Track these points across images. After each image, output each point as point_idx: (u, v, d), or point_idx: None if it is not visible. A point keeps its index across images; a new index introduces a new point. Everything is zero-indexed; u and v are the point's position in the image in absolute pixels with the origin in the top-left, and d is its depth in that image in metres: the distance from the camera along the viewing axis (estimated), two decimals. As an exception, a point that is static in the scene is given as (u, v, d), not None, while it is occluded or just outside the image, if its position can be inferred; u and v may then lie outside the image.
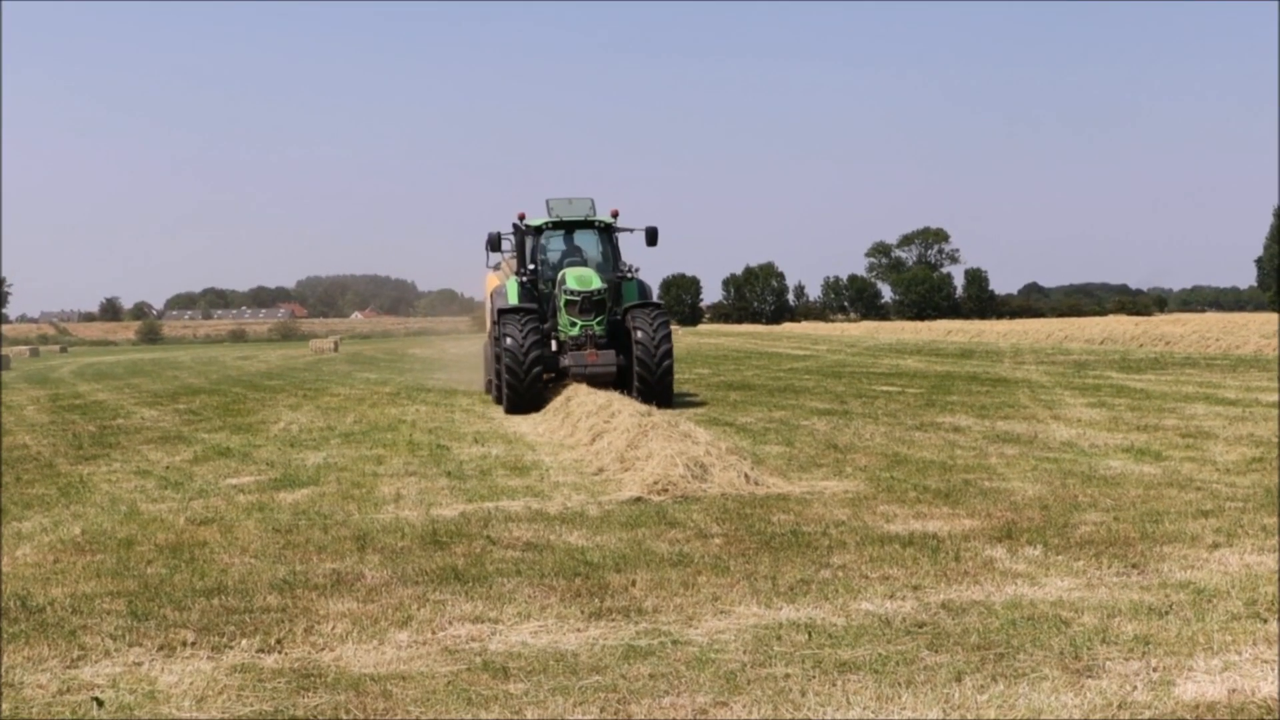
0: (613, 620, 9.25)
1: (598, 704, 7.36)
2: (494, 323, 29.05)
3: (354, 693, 7.66)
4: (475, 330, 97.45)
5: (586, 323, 27.90)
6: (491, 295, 30.72)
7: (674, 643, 8.62)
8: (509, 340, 26.96)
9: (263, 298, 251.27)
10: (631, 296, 29.57)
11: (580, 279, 27.94)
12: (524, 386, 26.81)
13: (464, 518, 13.51)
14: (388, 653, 8.54)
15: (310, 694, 7.67)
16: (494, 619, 9.33)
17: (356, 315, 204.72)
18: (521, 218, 30.18)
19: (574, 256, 30.14)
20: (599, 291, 27.93)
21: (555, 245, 30.45)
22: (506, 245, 30.98)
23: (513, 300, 28.76)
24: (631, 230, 30.11)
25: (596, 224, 30.02)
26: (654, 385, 27.06)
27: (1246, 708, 7.13)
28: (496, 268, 32.40)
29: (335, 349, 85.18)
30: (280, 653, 8.59)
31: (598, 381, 27.23)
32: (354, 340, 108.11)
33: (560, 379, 28.31)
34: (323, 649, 8.66)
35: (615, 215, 29.91)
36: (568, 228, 30.32)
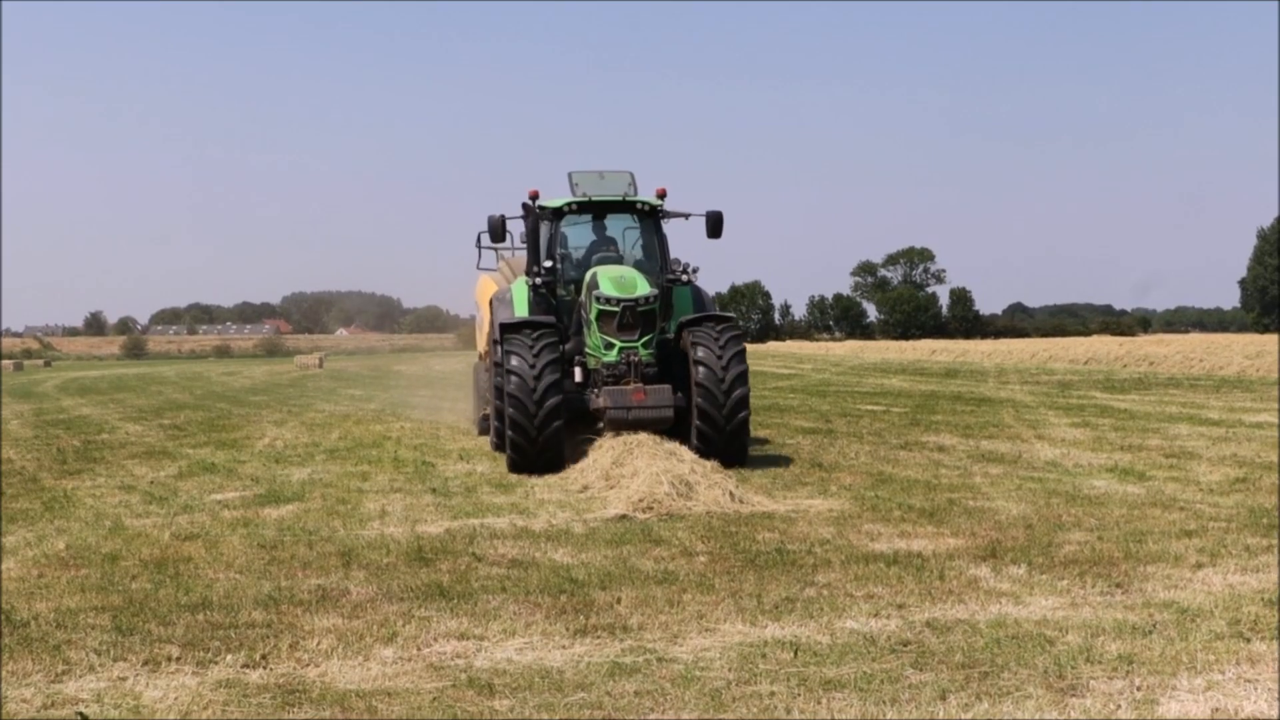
0: (598, 637, 9.26)
1: (583, 721, 7.37)
2: (495, 341, 20.20)
3: (339, 709, 7.66)
4: (461, 348, 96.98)
5: (629, 343, 19.31)
6: (490, 304, 21.93)
7: (659, 660, 8.63)
8: (515, 369, 18.36)
9: (248, 313, 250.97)
10: (686, 308, 21.09)
11: (620, 282, 19.55)
12: (536, 438, 18.42)
13: (449, 534, 13.51)
14: (373, 669, 8.54)
15: (295, 709, 7.67)
16: (479, 636, 9.33)
17: (342, 331, 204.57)
18: (534, 197, 21.36)
19: (607, 250, 21.67)
20: (647, 299, 19.42)
21: (581, 235, 22.21)
22: (513, 237, 23.48)
23: (520, 311, 20.59)
24: (686, 216, 21.77)
25: (639, 206, 21.41)
26: (722, 434, 18.80)
27: (1229, 727, 7.16)
28: (494, 267, 24.87)
29: (320, 365, 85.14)
30: (265, 668, 8.59)
31: (645, 428, 18.67)
32: (339, 356, 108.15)
33: (588, 425, 19.60)
34: (308, 665, 8.66)
35: (663, 196, 21.28)
36: (598, 211, 21.74)
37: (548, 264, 20.82)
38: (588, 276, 20.13)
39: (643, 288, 19.62)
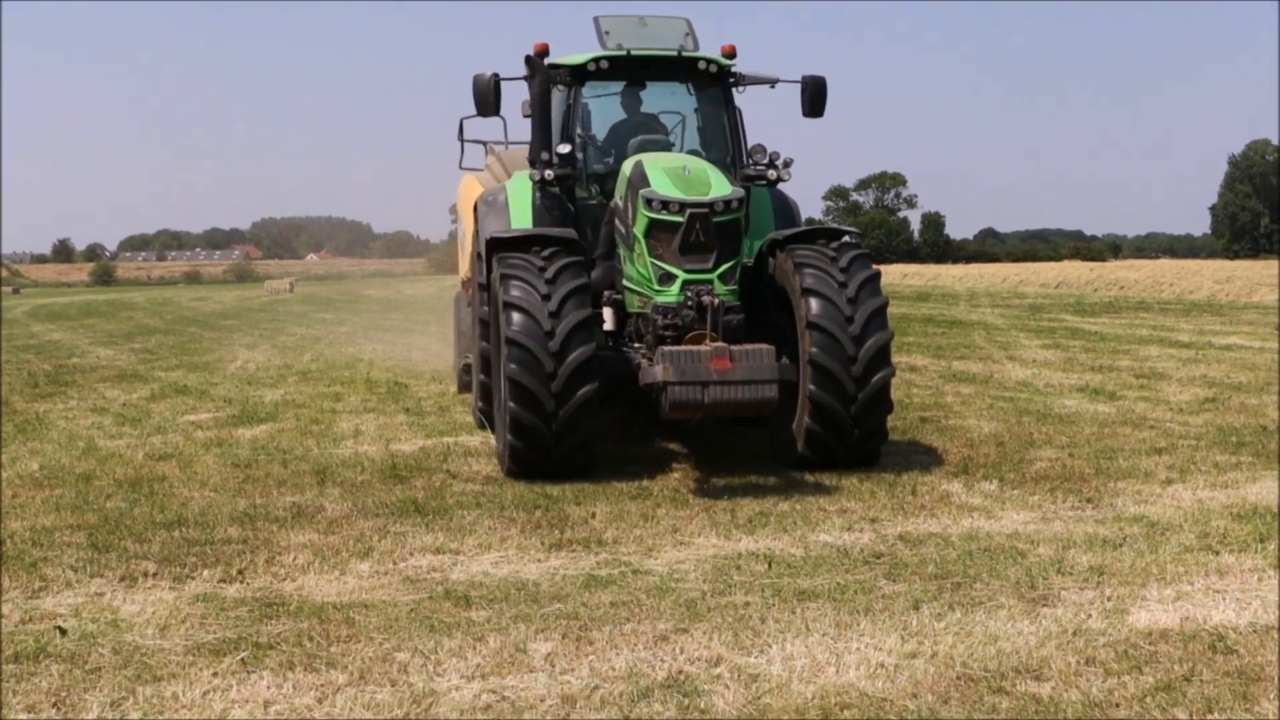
0: (573, 551, 9.32)
1: (559, 630, 7.43)
2: (480, 285, 14.02)
3: (316, 620, 7.70)
4: (433, 272, 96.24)
5: (699, 274, 12.08)
6: (476, 210, 15.22)
7: (634, 572, 8.70)
8: (518, 302, 11.84)
9: (217, 239, 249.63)
10: (766, 220, 14.27)
11: (683, 176, 12.33)
12: (554, 415, 11.71)
13: (423, 452, 13.54)
14: (349, 582, 8.59)
15: (273, 622, 7.71)
16: (455, 550, 9.38)
17: (312, 257, 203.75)
18: (542, 53, 13.90)
19: (651, 132, 14.44)
20: (727, 203, 12.23)
21: (612, 109, 14.88)
22: (506, 128, 17.67)
23: (521, 219, 13.92)
24: (771, 83, 14.55)
25: (701, 66, 14.08)
26: (849, 427, 12.13)
27: (1198, 635, 7.25)
28: (481, 166, 18.04)
29: (290, 290, 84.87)
30: (242, 583, 8.63)
31: (730, 416, 12.22)
32: (309, 282, 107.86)
33: (629, 406, 13.55)
34: (284, 579, 8.71)
35: (731, 55, 14.27)
36: (639, 72, 14.40)
37: (564, 149, 13.54)
38: (627, 168, 12.79)
39: (720, 185, 12.34)
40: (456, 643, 7.23)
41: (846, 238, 13.01)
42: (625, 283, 12.82)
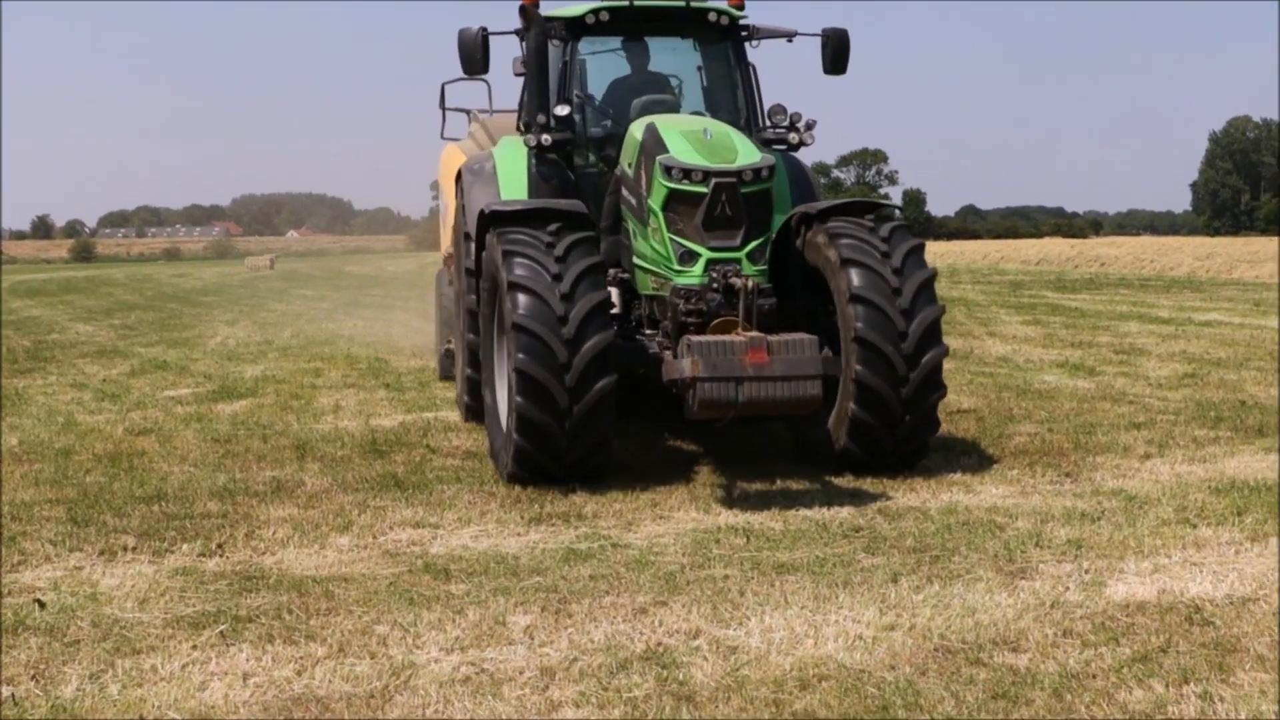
0: (553, 525, 9.34)
1: (539, 603, 7.45)
2: (467, 270, 12.86)
3: (296, 593, 7.71)
4: (413, 249, 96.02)
5: (725, 252, 10.79)
6: (459, 179, 13.69)
7: (614, 546, 8.72)
8: (523, 282, 10.48)
9: (197, 216, 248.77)
10: (783, 191, 12.45)
11: (704, 141, 11.06)
12: (567, 412, 10.30)
13: (403, 427, 13.54)
14: (329, 556, 8.60)
15: (252, 595, 7.72)
16: (434, 524, 9.40)
17: (292, 234, 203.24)
18: (537, 2, 12.34)
19: (658, 92, 12.98)
20: (757, 172, 10.94)
21: (614, 66, 13.42)
22: (490, 92, 16.31)
23: (513, 189, 12.56)
24: (789, 36, 13.07)
25: (710, 18, 12.81)
26: (899, 428, 10.86)
27: (1175, 607, 7.29)
28: (463, 136, 16.87)
29: (271, 267, 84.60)
30: (221, 556, 8.64)
31: (769, 414, 10.64)
32: (290, 258, 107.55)
33: (641, 403, 12.09)
34: (264, 553, 8.72)
35: (740, 6, 13.04)
36: (642, 25, 13.07)
37: (562, 110, 12.22)
38: (637, 132, 11.43)
39: (747, 151, 11.08)
40: (436, 615, 7.24)
41: (886, 215, 11.65)
42: (637, 261, 11.39)
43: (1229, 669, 6.32)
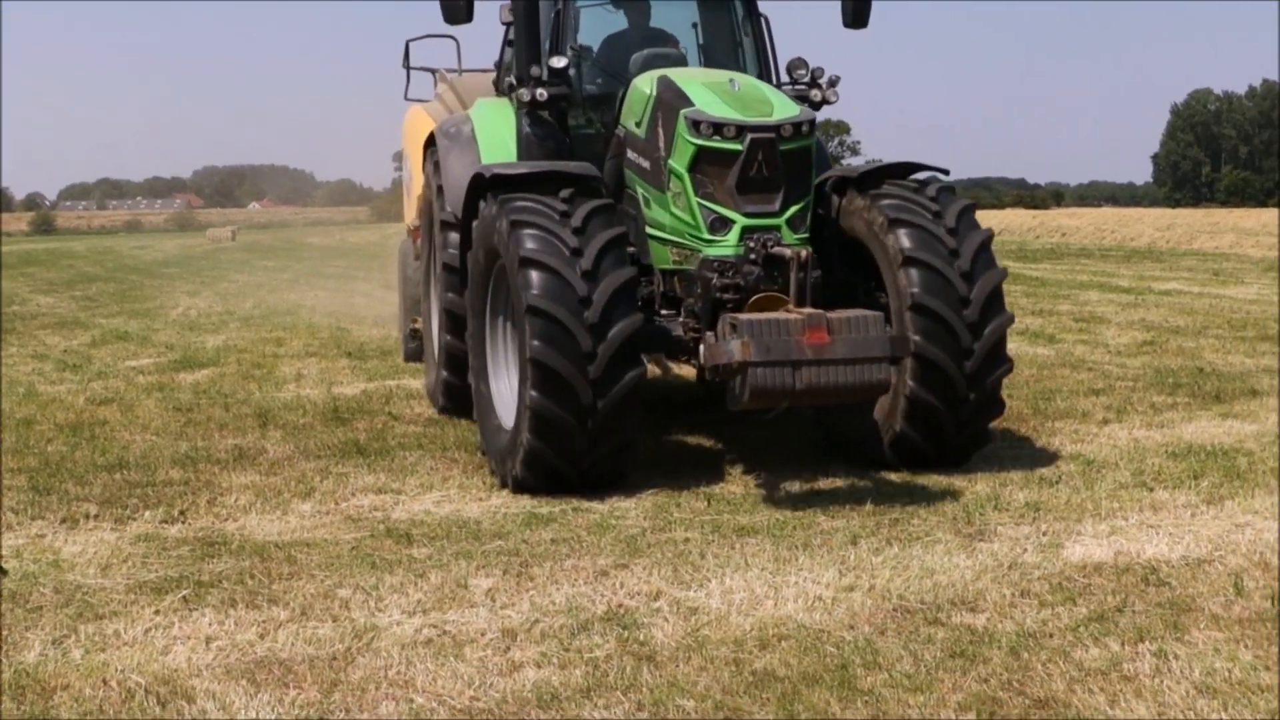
0: (514, 491, 9.35)
1: (500, 566, 7.48)
2: (444, 223, 11.45)
3: (258, 558, 7.72)
4: (375, 220, 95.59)
5: (762, 219, 9.55)
6: (429, 144, 12.48)
7: (575, 510, 8.76)
8: (535, 257, 9.03)
9: (158, 188, 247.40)
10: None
11: (734, 94, 9.86)
12: (591, 409, 8.95)
13: (365, 395, 13.55)
14: (291, 522, 8.62)
15: (215, 560, 7.73)
16: (396, 490, 9.42)
17: (254, 206, 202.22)
18: None
19: (662, 46, 11.66)
20: (797, 127, 9.71)
21: (611, 19, 11.99)
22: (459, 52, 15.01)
23: (496, 153, 11.24)
24: None
25: None
26: (964, 391, 9.57)
27: (1131, 568, 7.37)
28: (429, 98, 15.51)
29: (232, 238, 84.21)
30: (184, 523, 8.64)
31: (829, 402, 9.42)
32: (251, 230, 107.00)
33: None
34: (226, 519, 8.72)
35: None
36: None
37: (558, 62, 10.91)
38: (646, 85, 10.21)
39: (783, 104, 9.93)
40: (398, 579, 7.26)
41: (936, 180, 10.32)
42: (651, 232, 10.12)
43: (1184, 628, 6.40)
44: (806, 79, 11.16)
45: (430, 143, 12.30)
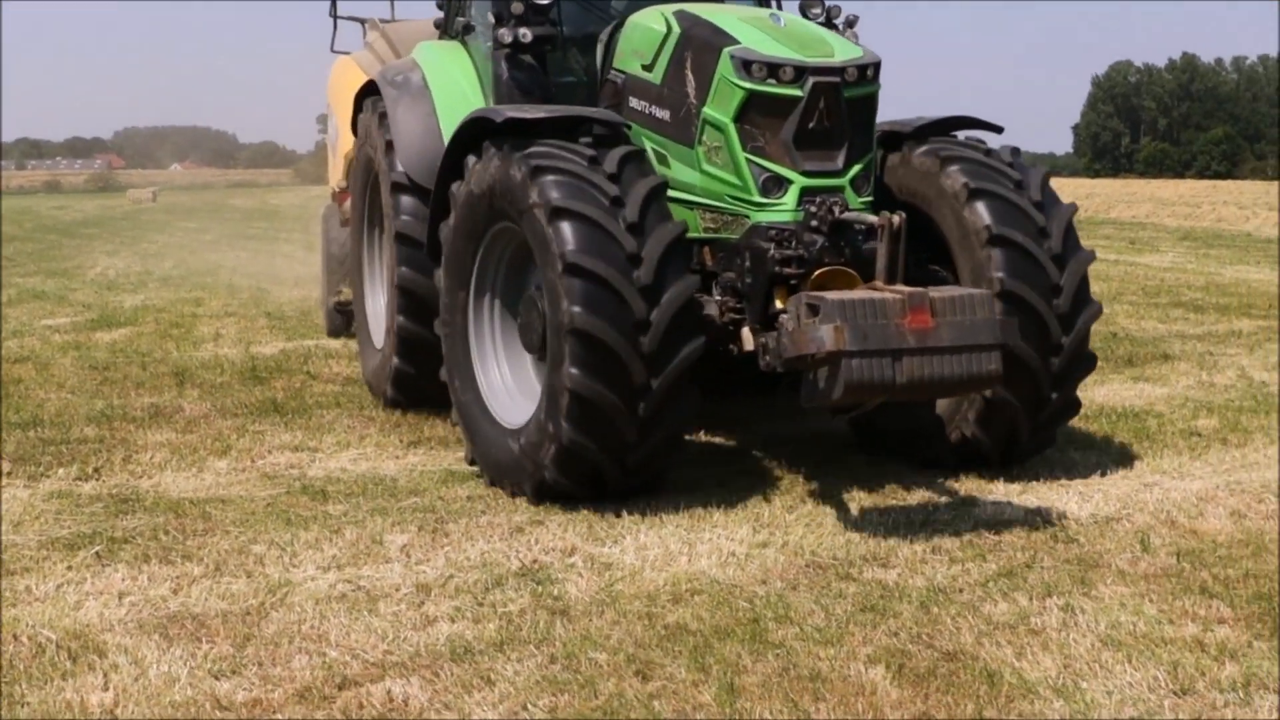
0: (432, 449, 9.37)
1: (415, 523, 7.49)
2: (397, 186, 10.04)
3: (172, 515, 7.69)
4: (299, 183, 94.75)
5: (824, 179, 8.02)
6: (364, 95, 11.15)
7: (492, 468, 8.75)
8: (571, 230, 7.48)
9: (78, 148, 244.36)
10: None
11: (784, 32, 8.31)
12: (645, 405, 7.48)
13: (284, 354, 13.48)
14: (207, 479, 8.59)
15: (128, 517, 7.68)
16: (313, 448, 9.40)
17: (176, 167, 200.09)
18: None
19: None
20: (862, 71, 8.16)
21: None
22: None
23: (457, 103, 9.96)
24: None
25: None
26: (1048, 389, 8.31)
27: (1041, 526, 7.47)
28: (358, 49, 14.41)
29: (153, 199, 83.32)
30: (98, 480, 8.58)
31: (932, 396, 8.10)
32: (173, 191, 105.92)
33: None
34: (141, 476, 8.67)
35: None
36: None
37: None
38: (655, 23, 8.75)
39: (842, 44, 8.44)
40: (313, 535, 7.26)
41: (1008, 158, 8.80)
42: (677, 194, 8.37)
43: (1091, 583, 6.50)
44: (822, 19, 9.42)
45: (366, 94, 11.04)
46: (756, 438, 9.70)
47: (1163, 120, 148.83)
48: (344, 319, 13.86)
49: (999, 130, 9.19)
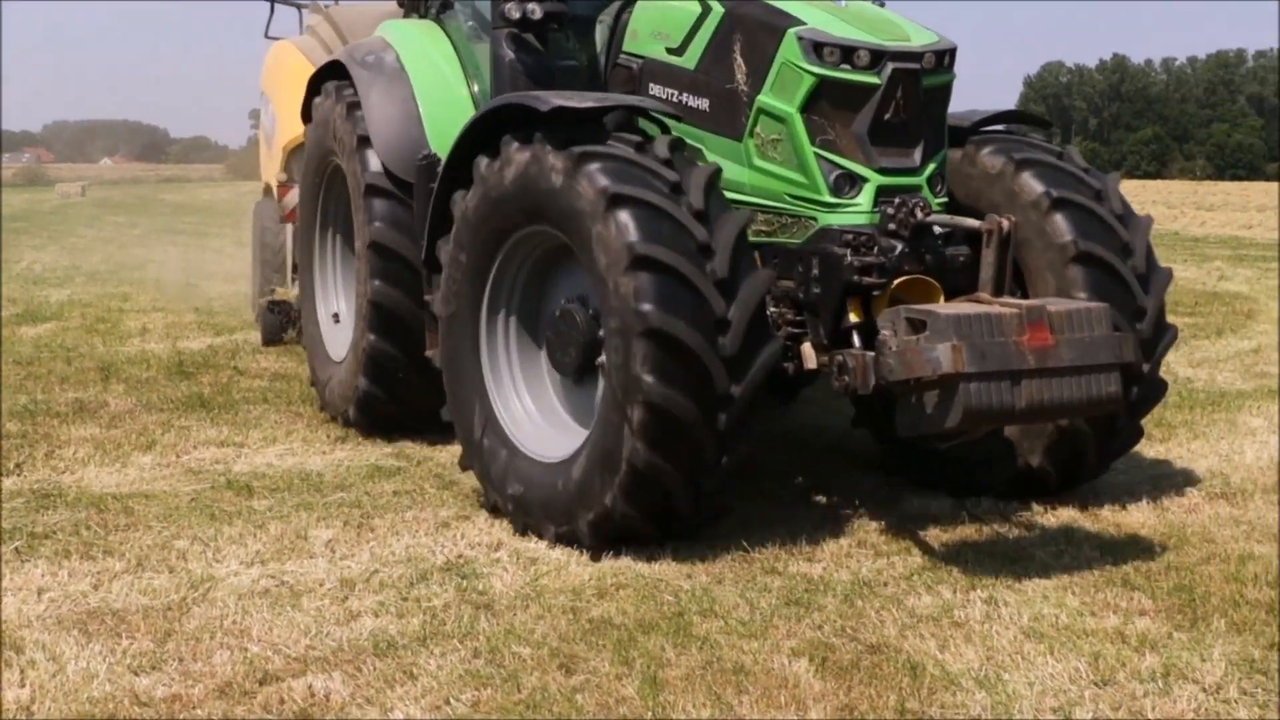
0: (359, 444, 9.32)
1: (341, 518, 7.45)
2: (373, 188, 8.96)
3: (95, 510, 7.61)
4: (231, 178, 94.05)
5: (901, 177, 7.19)
6: (322, 77, 9.96)
7: (419, 464, 8.76)
8: (633, 219, 6.48)
9: (7, 142, 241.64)
10: None
11: (847, 12, 7.45)
12: (726, 417, 6.48)
13: (211, 349, 13.37)
14: (130, 474, 8.50)
15: (50, 512, 7.59)
16: (239, 443, 9.32)
17: (106, 161, 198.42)
18: None
19: None
20: (940, 58, 7.34)
21: None
22: None
23: (434, 86, 9.17)
24: None
25: None
26: (1126, 415, 7.56)
27: (967, 519, 7.49)
28: (292, 36, 14.48)
29: (83, 194, 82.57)
30: (19, 475, 8.47)
31: (1048, 419, 7.16)
32: (103, 185, 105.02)
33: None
34: (64, 472, 8.57)
35: None
36: None
37: None
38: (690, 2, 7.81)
39: (917, 29, 7.56)
40: (237, 530, 7.21)
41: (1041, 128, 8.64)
42: (727, 194, 7.19)
43: (1015, 576, 6.53)
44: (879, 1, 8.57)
45: (323, 78, 9.94)
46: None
47: (1093, 120, 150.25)
48: (278, 320, 13.18)
49: (1049, 126, 8.51)
